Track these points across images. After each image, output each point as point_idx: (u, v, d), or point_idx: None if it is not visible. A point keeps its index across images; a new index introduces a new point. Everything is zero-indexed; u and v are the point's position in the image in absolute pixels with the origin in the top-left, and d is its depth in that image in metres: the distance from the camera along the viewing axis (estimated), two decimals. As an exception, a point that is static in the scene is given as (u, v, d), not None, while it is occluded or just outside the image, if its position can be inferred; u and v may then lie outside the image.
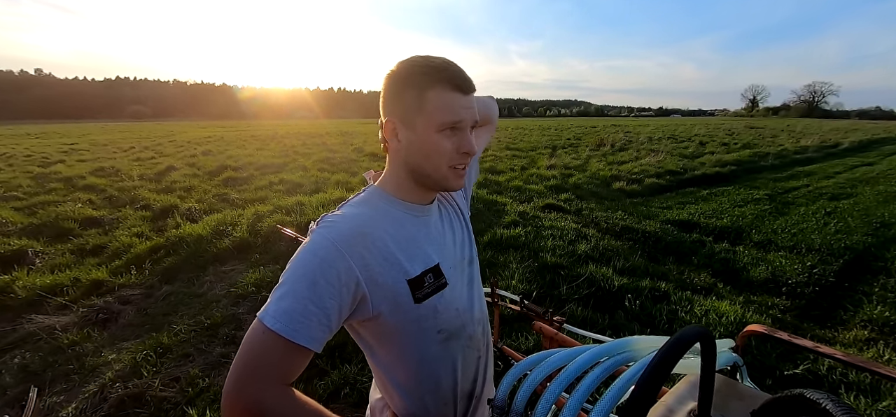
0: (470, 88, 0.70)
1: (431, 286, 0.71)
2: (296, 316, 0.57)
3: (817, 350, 0.80)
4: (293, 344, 0.57)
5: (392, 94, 0.70)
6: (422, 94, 0.66)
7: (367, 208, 0.71)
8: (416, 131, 0.68)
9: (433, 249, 0.74)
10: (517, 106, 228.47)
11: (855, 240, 4.58)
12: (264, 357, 0.57)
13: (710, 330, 0.57)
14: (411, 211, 0.74)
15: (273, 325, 0.57)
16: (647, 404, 0.45)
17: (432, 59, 0.69)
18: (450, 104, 0.67)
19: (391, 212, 0.72)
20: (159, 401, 2.18)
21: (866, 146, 16.57)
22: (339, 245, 0.62)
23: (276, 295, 0.59)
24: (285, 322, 0.57)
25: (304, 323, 0.57)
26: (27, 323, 2.95)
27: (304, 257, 0.61)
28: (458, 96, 0.68)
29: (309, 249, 0.62)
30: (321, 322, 0.59)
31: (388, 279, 0.66)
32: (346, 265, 0.61)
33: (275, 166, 9.78)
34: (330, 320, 0.60)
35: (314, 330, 0.58)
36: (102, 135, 22.98)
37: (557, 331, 1.41)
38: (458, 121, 0.68)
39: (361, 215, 0.68)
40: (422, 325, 0.71)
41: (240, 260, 4.05)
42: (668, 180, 8.31)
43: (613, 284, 3.33)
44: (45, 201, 6.35)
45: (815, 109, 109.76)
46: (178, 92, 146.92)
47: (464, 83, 0.69)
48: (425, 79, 0.67)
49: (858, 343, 2.75)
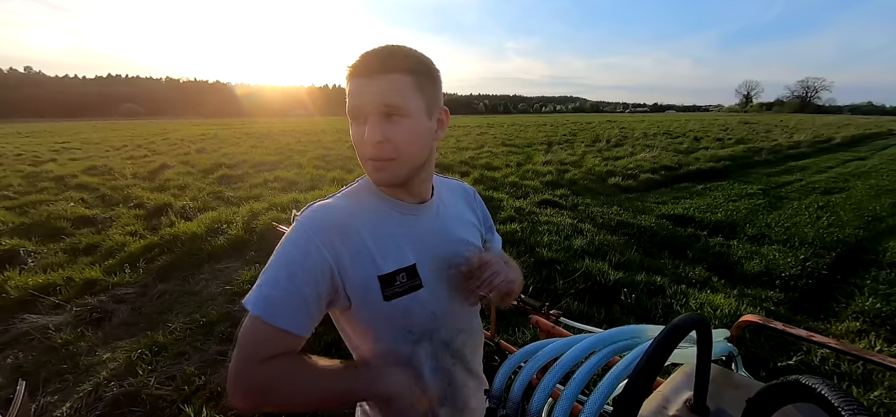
0: (369, 70, 0.62)
1: (403, 286, 0.69)
2: (276, 302, 0.60)
3: (811, 339, 0.81)
4: (276, 327, 0.60)
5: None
6: (348, 85, 0.66)
7: (352, 200, 0.71)
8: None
9: (413, 249, 0.71)
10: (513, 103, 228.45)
11: (847, 234, 4.64)
12: (253, 342, 0.61)
13: (706, 318, 0.57)
14: (398, 208, 0.72)
15: (254, 311, 0.60)
16: (642, 393, 0.45)
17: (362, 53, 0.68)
18: (351, 92, 0.65)
19: (376, 207, 0.71)
20: (155, 400, 2.16)
21: (858, 141, 16.74)
22: (315, 235, 0.64)
23: (258, 281, 0.63)
24: (265, 308, 0.60)
25: (283, 308, 0.60)
26: (20, 322, 2.92)
27: (285, 247, 0.64)
28: (358, 81, 0.64)
29: (290, 239, 0.65)
30: (300, 308, 0.61)
31: (359, 272, 0.66)
32: (320, 255, 0.63)
33: (270, 164, 9.72)
34: (309, 306, 0.62)
35: (294, 314, 0.61)
36: (94, 134, 22.72)
37: (554, 325, 1.42)
38: (354, 108, 0.65)
39: (344, 207, 0.69)
40: (391, 323, 0.70)
41: (235, 258, 4.02)
42: (663, 175, 8.35)
43: (609, 278, 3.34)
44: (36, 200, 6.26)
45: (808, 105, 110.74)
46: (171, 89, 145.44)
47: (363, 66, 0.63)
48: (348, 69, 0.66)
49: (850, 334, 2.79)
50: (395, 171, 0.67)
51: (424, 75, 0.66)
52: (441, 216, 0.78)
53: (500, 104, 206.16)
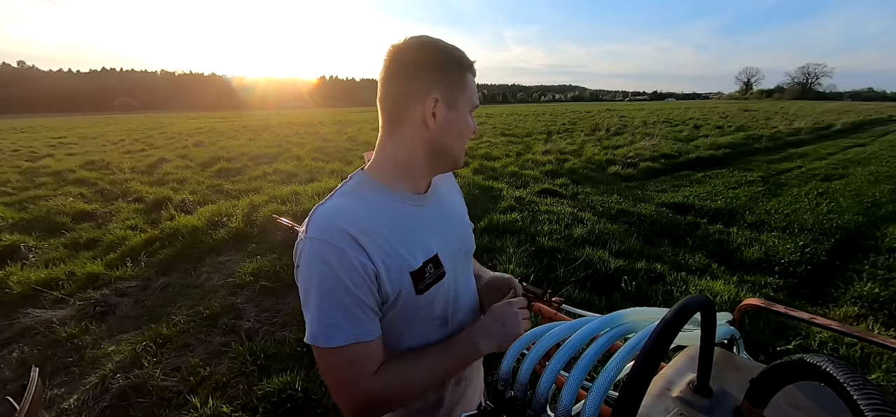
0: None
1: (432, 276, 0.70)
2: (345, 324, 0.61)
3: (813, 321, 0.82)
4: (359, 344, 0.62)
5: (438, 70, 0.67)
6: (463, 76, 0.69)
7: (359, 200, 0.68)
8: (457, 110, 0.70)
9: (432, 238, 0.72)
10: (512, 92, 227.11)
11: (846, 220, 4.65)
12: (347, 371, 0.63)
13: (711, 299, 0.58)
14: (408, 201, 0.71)
15: (332, 342, 0.61)
16: (650, 373, 0.46)
17: (453, 45, 0.70)
18: (475, 88, 0.72)
19: (386, 203, 0.69)
20: (161, 391, 2.18)
21: (858, 127, 16.71)
22: (347, 246, 0.61)
23: (315, 314, 0.62)
24: (340, 333, 0.61)
25: (357, 323, 0.62)
26: (24, 317, 2.93)
27: (323, 270, 0.61)
28: (474, 80, 0.73)
29: (322, 261, 0.61)
30: (368, 315, 0.63)
31: (393, 273, 0.65)
32: (361, 262, 0.62)
33: (268, 156, 9.68)
34: (375, 309, 0.65)
35: (367, 324, 0.63)
36: (91, 128, 22.58)
37: (556, 312, 1.43)
38: (477, 106, 0.74)
39: (355, 209, 0.66)
40: (419, 314, 0.71)
41: (236, 251, 4.03)
42: (662, 164, 8.34)
43: (610, 266, 3.36)
44: (35, 196, 6.25)
45: (808, 91, 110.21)
46: (167, 82, 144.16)
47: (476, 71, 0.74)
48: (464, 61, 0.69)
49: (849, 319, 2.81)
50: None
51: None
52: (442, 202, 0.80)
53: (498, 93, 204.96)
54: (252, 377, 2.26)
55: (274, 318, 2.87)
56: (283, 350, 2.47)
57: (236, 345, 2.54)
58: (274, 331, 2.69)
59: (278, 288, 3.25)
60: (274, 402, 2.05)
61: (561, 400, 0.56)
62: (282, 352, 2.45)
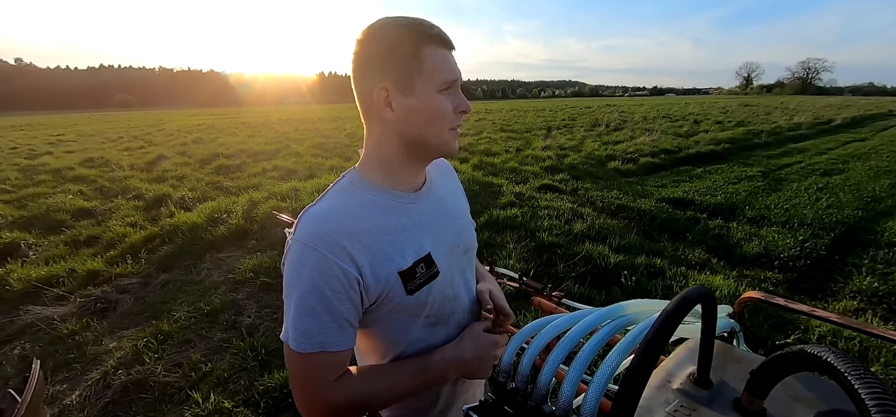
0: (452, 44, 0.65)
1: (423, 276, 0.68)
2: (315, 332, 0.61)
3: (813, 313, 0.82)
4: (327, 353, 0.62)
5: (381, 58, 0.61)
6: (417, 53, 0.61)
7: (349, 201, 0.66)
8: (416, 94, 0.62)
9: (426, 236, 0.70)
10: (512, 87, 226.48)
11: (846, 215, 4.65)
12: (309, 375, 0.63)
13: (712, 291, 0.58)
14: (400, 199, 0.69)
15: (300, 348, 0.61)
16: (649, 367, 0.46)
17: (411, 17, 0.64)
18: (446, 61, 0.63)
19: (376, 202, 0.66)
20: (163, 386, 2.19)
21: (859, 122, 16.69)
22: (329, 252, 0.60)
23: (291, 314, 0.62)
24: (308, 340, 0.61)
25: (326, 332, 0.61)
26: (25, 314, 2.94)
27: (302, 273, 0.60)
28: (449, 53, 0.64)
29: (303, 263, 0.60)
30: (340, 325, 0.62)
31: (380, 275, 0.63)
32: (342, 269, 0.60)
33: (268, 153, 9.67)
34: (349, 320, 0.63)
35: (338, 334, 0.62)
36: (89, 126, 22.53)
37: (556, 306, 1.43)
38: (455, 80, 0.65)
39: (344, 211, 0.64)
40: (409, 313, 0.69)
41: (236, 247, 4.03)
42: (662, 159, 8.33)
43: (609, 261, 3.36)
44: (34, 193, 6.24)
45: (808, 86, 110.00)
46: (165, 79, 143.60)
47: (450, 40, 0.65)
48: (417, 36, 0.61)
49: (848, 313, 2.82)
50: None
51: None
52: (438, 197, 0.76)
53: (498, 89, 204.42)
54: (253, 372, 2.27)
55: (274, 314, 2.88)
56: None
57: (237, 341, 2.54)
58: (275, 327, 2.70)
59: (279, 284, 3.25)
60: (275, 397, 2.06)
61: (562, 393, 0.57)
62: (282, 348, 2.45)
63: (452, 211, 0.79)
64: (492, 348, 0.73)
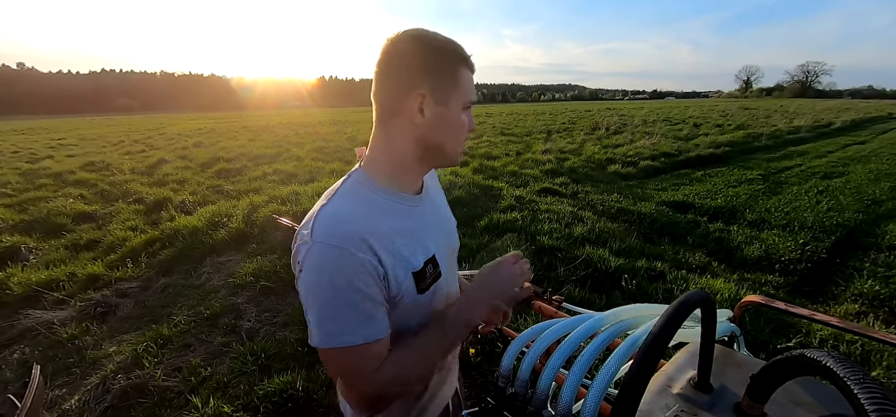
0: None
1: (431, 276, 0.71)
2: (355, 325, 0.61)
3: (813, 317, 0.82)
4: (370, 343, 0.63)
5: (429, 66, 0.64)
6: (456, 70, 0.67)
7: (362, 202, 0.67)
8: (449, 106, 0.67)
9: (430, 239, 0.73)
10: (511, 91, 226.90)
11: (846, 218, 4.65)
12: (356, 366, 0.64)
13: (711, 296, 0.58)
14: (406, 202, 0.71)
15: (340, 344, 0.61)
16: (649, 372, 0.46)
17: (448, 38, 0.68)
18: (471, 85, 0.70)
19: (385, 204, 0.68)
20: (162, 391, 2.19)
21: (858, 125, 16.71)
22: (356, 249, 0.61)
23: (324, 313, 0.61)
24: (350, 334, 0.61)
25: (368, 323, 0.62)
26: (24, 318, 2.93)
27: (331, 273, 0.60)
28: (471, 76, 0.71)
29: (328, 263, 0.60)
30: (380, 313, 0.64)
31: (399, 275, 0.66)
32: (371, 264, 0.62)
33: (268, 157, 9.68)
34: (383, 304, 0.65)
35: (380, 321, 0.64)
36: (90, 130, 22.58)
37: (556, 310, 1.43)
38: (475, 102, 0.72)
39: (361, 212, 0.65)
40: (419, 312, 0.72)
41: (237, 251, 4.03)
42: (662, 162, 8.34)
43: (610, 265, 3.36)
44: (35, 197, 6.25)
45: (808, 89, 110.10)
46: (167, 83, 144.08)
47: (474, 66, 0.72)
48: (459, 55, 0.67)
49: (849, 316, 2.81)
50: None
51: None
52: (434, 202, 0.81)
53: (498, 93, 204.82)
54: (253, 377, 2.26)
55: (274, 318, 2.87)
56: (283, 350, 2.47)
57: (237, 345, 2.54)
58: (274, 331, 2.70)
59: (279, 288, 3.25)
60: (275, 402, 2.05)
61: (561, 397, 0.56)
62: (282, 352, 2.45)
63: (444, 214, 0.84)
64: (504, 268, 0.74)
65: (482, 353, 2.31)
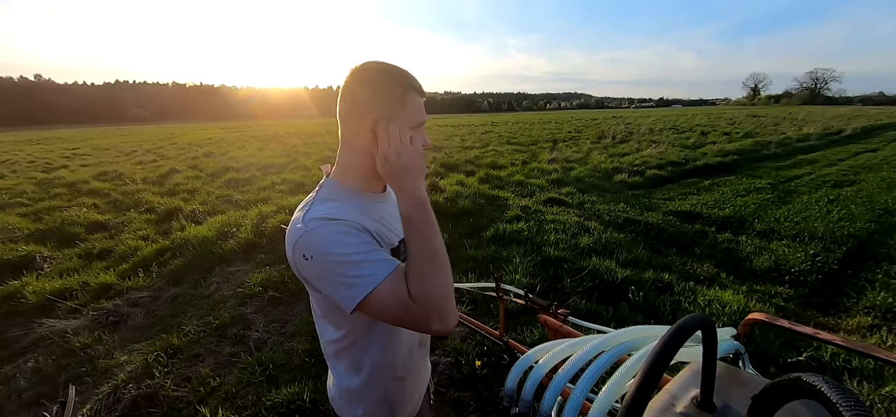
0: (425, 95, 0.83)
1: (402, 255, 0.82)
2: (377, 258, 0.70)
3: (817, 336, 0.82)
4: (397, 272, 0.69)
5: (379, 93, 0.74)
6: (403, 96, 0.75)
7: (340, 203, 0.77)
8: (393, 126, 0.75)
9: (397, 225, 0.85)
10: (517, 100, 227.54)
11: (858, 228, 4.58)
12: (396, 301, 0.68)
13: (711, 318, 0.59)
14: (375, 198, 0.83)
15: (380, 276, 0.68)
16: (648, 391, 0.47)
17: (400, 68, 0.77)
18: (420, 107, 0.79)
19: (361, 200, 0.80)
20: (172, 401, 2.22)
21: (869, 132, 16.47)
22: (350, 219, 0.72)
23: (354, 266, 0.68)
24: (383, 267, 0.69)
25: (389, 259, 0.71)
26: (39, 327, 3.00)
27: (338, 237, 0.69)
28: (422, 101, 0.80)
29: (334, 231, 0.69)
30: (389, 255, 0.74)
31: (384, 248, 0.77)
32: (363, 228, 0.73)
33: (277, 166, 9.81)
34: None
35: (392, 259, 0.72)
36: (104, 140, 23.06)
37: (562, 324, 1.44)
38: (424, 121, 0.80)
39: (344, 207, 0.75)
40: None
41: (245, 261, 4.08)
42: (669, 171, 8.30)
43: (616, 276, 3.34)
44: (50, 207, 6.39)
45: (817, 96, 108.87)
46: (178, 94, 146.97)
47: (423, 91, 0.81)
48: (406, 83, 0.76)
49: (862, 329, 2.77)
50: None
51: None
52: (393, 200, 0.90)
53: (503, 102, 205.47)
54: (261, 387, 2.29)
55: (282, 328, 2.90)
56: (291, 360, 2.49)
57: (245, 356, 2.57)
58: (282, 341, 2.72)
59: (287, 298, 3.29)
60: (282, 413, 2.07)
61: (565, 415, 0.58)
62: (290, 363, 2.47)
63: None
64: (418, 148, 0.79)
65: (487, 366, 2.31)
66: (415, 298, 0.67)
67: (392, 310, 0.69)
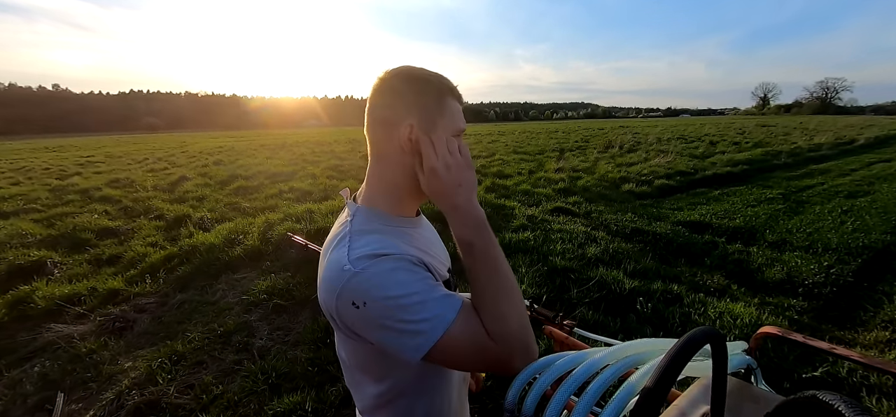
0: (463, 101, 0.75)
1: (451, 285, 0.76)
2: (446, 300, 0.60)
3: (833, 351, 0.79)
4: (464, 309, 0.61)
5: (415, 97, 0.66)
6: (441, 100, 0.68)
7: (381, 234, 0.66)
8: (436, 136, 0.67)
9: (441, 253, 0.80)
10: (524, 109, 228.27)
11: (874, 239, 4.47)
12: (470, 343, 0.59)
13: (721, 331, 0.57)
14: (412, 225, 0.74)
15: (451, 315, 0.59)
16: (655, 408, 0.45)
17: (434, 71, 0.71)
18: (459, 112, 0.71)
19: (398, 231, 0.69)
20: (174, 408, 2.21)
21: (883, 142, 16.17)
22: (403, 254, 0.63)
23: (417, 309, 0.58)
24: (449, 303, 0.60)
25: (451, 296, 0.62)
26: (46, 332, 3.02)
27: (396, 276, 0.60)
28: (461, 107, 0.72)
29: (389, 271, 0.60)
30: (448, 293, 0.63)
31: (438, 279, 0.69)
32: (419, 262, 0.65)
33: (284, 175, 9.90)
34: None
35: (454, 295, 0.63)
36: (117, 148, 23.53)
37: (568, 335, 1.40)
38: (463, 129, 0.72)
39: (384, 239, 0.65)
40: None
41: (251, 268, 4.10)
42: (678, 181, 8.20)
43: (624, 287, 3.29)
44: (62, 213, 6.51)
45: (828, 106, 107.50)
46: (190, 104, 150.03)
47: (461, 97, 0.73)
48: (442, 86, 0.68)
49: (879, 344, 2.68)
50: None
51: None
52: (427, 225, 0.83)
53: (510, 111, 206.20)
54: (263, 396, 2.27)
55: (286, 337, 2.89)
56: (294, 369, 2.48)
57: (249, 364, 2.56)
58: (286, 350, 2.71)
59: (291, 306, 3.28)
60: (284, 422, 2.05)
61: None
62: (293, 372, 2.46)
63: (437, 237, 0.87)
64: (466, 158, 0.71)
65: (491, 377, 2.27)
66: (494, 337, 0.59)
67: (466, 354, 0.60)
